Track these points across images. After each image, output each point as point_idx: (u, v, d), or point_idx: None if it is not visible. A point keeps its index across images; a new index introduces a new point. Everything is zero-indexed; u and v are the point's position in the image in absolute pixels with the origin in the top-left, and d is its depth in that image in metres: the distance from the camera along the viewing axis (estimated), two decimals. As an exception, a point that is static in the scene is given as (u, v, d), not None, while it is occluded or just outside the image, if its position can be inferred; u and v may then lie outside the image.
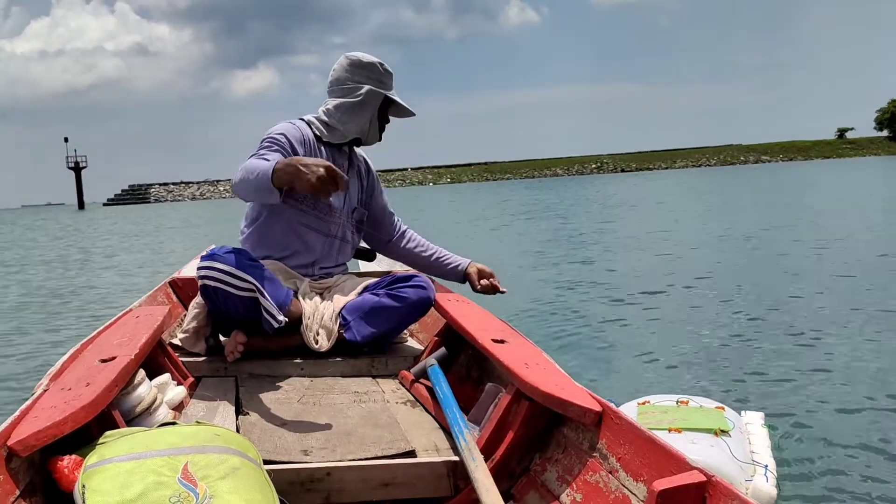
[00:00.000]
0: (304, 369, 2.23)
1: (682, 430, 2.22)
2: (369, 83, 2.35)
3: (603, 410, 1.44)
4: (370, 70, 2.36)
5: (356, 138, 2.42)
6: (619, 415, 1.41)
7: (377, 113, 2.38)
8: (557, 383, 1.54)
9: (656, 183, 39.11)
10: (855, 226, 10.52)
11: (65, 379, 1.55)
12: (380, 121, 2.41)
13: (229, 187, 3.42)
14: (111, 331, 1.92)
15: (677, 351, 4.07)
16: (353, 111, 2.35)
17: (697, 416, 2.33)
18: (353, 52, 2.39)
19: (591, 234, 11.74)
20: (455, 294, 2.42)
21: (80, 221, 35.20)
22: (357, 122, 2.37)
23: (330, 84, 2.41)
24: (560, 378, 1.60)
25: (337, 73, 2.38)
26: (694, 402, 2.48)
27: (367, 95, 2.34)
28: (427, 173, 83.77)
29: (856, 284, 5.79)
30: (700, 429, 2.24)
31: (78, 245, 16.79)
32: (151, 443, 1.30)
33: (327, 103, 2.40)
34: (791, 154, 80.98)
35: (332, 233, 2.42)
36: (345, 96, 2.36)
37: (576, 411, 1.45)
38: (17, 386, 3.85)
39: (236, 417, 1.84)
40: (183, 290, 2.76)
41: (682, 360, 3.88)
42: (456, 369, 2.18)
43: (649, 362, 3.86)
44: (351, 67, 2.36)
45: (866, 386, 3.28)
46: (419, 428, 1.83)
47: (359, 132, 2.39)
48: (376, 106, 2.37)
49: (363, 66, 2.36)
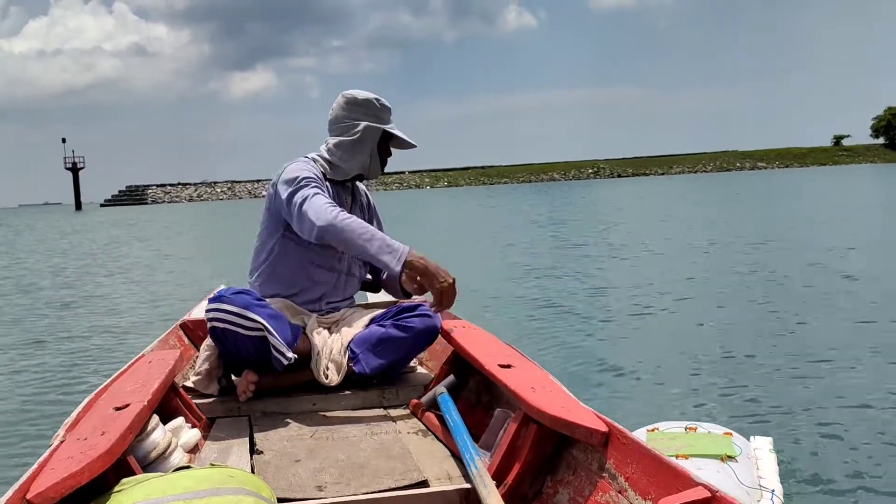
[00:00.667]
0: (315, 404, 2.25)
1: (688, 456, 2.26)
2: (366, 119, 2.40)
3: (609, 431, 1.46)
4: (366, 107, 2.41)
5: (358, 174, 2.47)
6: (626, 435, 1.42)
7: (377, 147, 2.43)
8: (564, 405, 1.56)
9: (655, 189, 39.07)
10: (859, 237, 10.51)
11: (80, 429, 1.58)
12: (381, 154, 2.46)
13: (229, 187, 3.41)
14: (124, 378, 1.95)
15: (688, 376, 4.05)
16: (352, 149, 2.41)
17: (705, 442, 2.36)
18: (349, 91, 2.44)
19: (593, 246, 11.75)
20: (461, 321, 2.44)
21: (77, 223, 35.17)
22: (357, 158, 2.42)
23: (329, 123, 2.46)
24: (566, 400, 1.62)
25: (335, 113, 2.44)
26: (702, 429, 2.51)
27: (365, 132, 2.39)
28: (424, 177, 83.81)
29: (865, 301, 5.78)
30: (707, 455, 2.27)
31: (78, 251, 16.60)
32: (167, 488, 1.32)
33: (328, 142, 2.45)
34: (787, 161, 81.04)
35: (339, 268, 2.46)
36: (342, 134, 2.41)
37: (583, 433, 1.47)
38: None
39: (250, 457, 1.86)
40: (193, 332, 2.80)
41: (692, 385, 3.87)
42: (466, 395, 2.20)
43: (659, 386, 3.85)
44: (347, 105, 2.41)
45: (876, 412, 3.29)
46: (431, 457, 1.85)
47: (360, 168, 2.44)
48: (375, 141, 2.42)
49: (359, 103, 2.41)
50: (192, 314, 2.94)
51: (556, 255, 10.68)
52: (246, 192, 79.71)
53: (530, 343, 4.87)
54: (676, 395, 3.70)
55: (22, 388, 5.01)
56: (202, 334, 2.58)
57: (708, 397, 3.63)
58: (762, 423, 3.21)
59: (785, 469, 2.51)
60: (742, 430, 2.59)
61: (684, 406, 3.52)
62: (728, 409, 3.43)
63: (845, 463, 2.73)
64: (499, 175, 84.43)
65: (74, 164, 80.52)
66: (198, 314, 2.88)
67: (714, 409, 3.43)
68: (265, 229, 2.44)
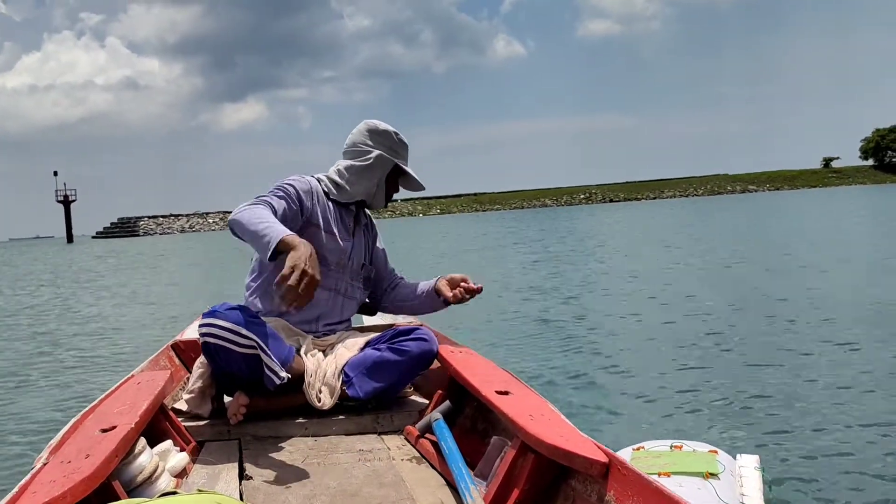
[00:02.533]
0: (308, 428, 2.20)
1: (671, 473, 2.26)
2: (381, 149, 2.42)
3: (609, 461, 1.42)
4: (384, 137, 2.43)
5: (362, 200, 2.46)
6: (626, 465, 1.38)
7: (385, 179, 2.45)
8: (562, 434, 1.52)
9: (648, 213, 39.24)
10: (851, 256, 10.55)
11: (65, 451, 1.53)
12: (388, 187, 2.48)
13: (221, 218, 3.46)
14: (112, 399, 1.91)
15: (675, 394, 4.05)
16: (361, 173, 2.42)
17: (689, 460, 2.37)
18: (372, 120, 2.47)
19: (581, 267, 11.78)
20: (459, 346, 2.40)
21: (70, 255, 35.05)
22: (364, 184, 2.43)
23: (345, 146, 2.49)
24: (565, 429, 1.58)
25: (353, 138, 2.47)
26: (688, 447, 2.51)
27: (377, 160, 2.41)
28: (417, 204, 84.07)
29: (852, 321, 5.80)
30: (689, 472, 2.28)
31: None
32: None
33: (339, 164, 2.48)
34: (778, 184, 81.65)
35: (338, 288, 2.43)
36: (355, 158, 2.44)
37: (581, 463, 1.43)
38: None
39: (239, 483, 1.81)
40: (185, 353, 2.75)
41: (678, 403, 3.87)
42: (461, 422, 2.16)
43: (648, 405, 3.85)
44: (367, 132, 2.44)
45: (863, 430, 3.30)
46: (425, 485, 1.80)
47: (365, 195, 2.45)
48: (385, 172, 2.43)
49: (378, 132, 2.44)
50: (185, 334, 2.90)
51: (548, 278, 10.70)
52: (238, 223, 79.81)
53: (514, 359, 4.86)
54: (664, 414, 3.71)
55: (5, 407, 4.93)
56: (194, 355, 2.54)
57: (698, 415, 3.64)
58: (751, 440, 3.21)
59: (772, 487, 2.52)
60: (731, 449, 2.59)
61: (673, 424, 3.53)
62: (719, 427, 3.43)
63: (833, 483, 2.74)
64: (491, 202, 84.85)
65: (66, 197, 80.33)
66: (190, 334, 2.83)
67: (702, 428, 3.44)
68: None
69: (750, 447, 3.00)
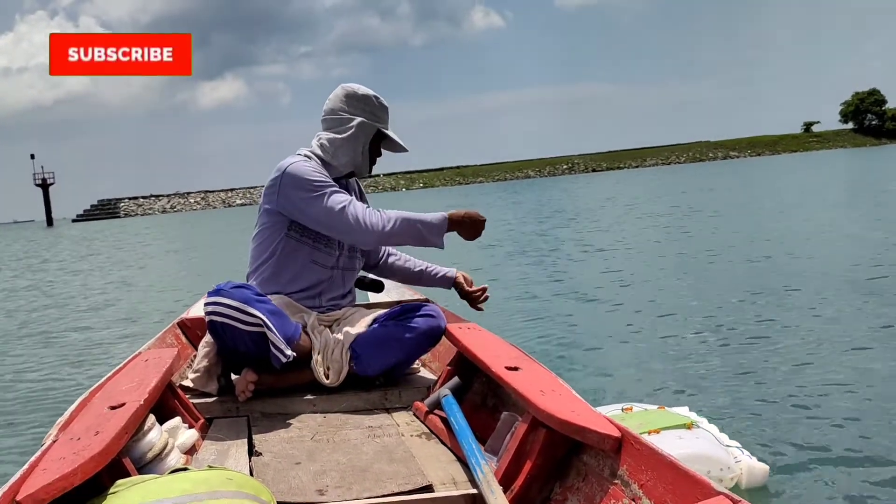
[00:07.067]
0: (316, 405, 2.20)
1: (659, 430, 2.44)
2: (362, 115, 2.35)
3: (622, 436, 1.41)
4: (364, 102, 2.36)
5: (350, 172, 2.42)
6: (640, 440, 1.37)
7: (369, 145, 2.39)
8: (574, 410, 1.51)
9: (633, 181, 39.25)
10: (837, 225, 10.55)
11: (74, 428, 1.52)
12: (371, 153, 2.41)
13: (202, 198, 3.37)
14: (120, 376, 1.90)
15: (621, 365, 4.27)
16: (344, 145, 2.36)
17: (661, 418, 2.57)
18: (350, 84, 2.40)
19: (568, 242, 11.81)
20: (466, 322, 2.39)
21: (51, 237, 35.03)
22: (349, 155, 2.37)
23: (324, 113, 2.41)
24: (577, 404, 1.57)
25: (332, 103, 2.39)
26: (638, 407, 2.75)
27: (359, 128, 2.34)
28: (399, 179, 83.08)
29: (837, 289, 5.93)
30: (673, 426, 2.48)
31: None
32: (163, 490, 1.27)
33: (320, 136, 2.40)
34: (759, 149, 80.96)
35: (337, 265, 2.41)
36: (336, 128, 2.37)
37: (594, 438, 1.42)
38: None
39: (249, 459, 1.81)
40: (192, 331, 2.74)
41: (628, 366, 4.15)
42: (470, 398, 2.15)
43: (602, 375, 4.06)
44: (346, 98, 2.37)
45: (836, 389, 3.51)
46: (436, 461, 1.80)
47: (352, 166, 2.40)
48: (368, 138, 2.37)
49: (358, 98, 2.36)
50: (191, 312, 2.89)
51: (536, 249, 10.76)
52: (220, 202, 78.93)
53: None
54: (616, 380, 3.96)
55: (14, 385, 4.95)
56: (200, 333, 2.53)
57: (643, 380, 3.89)
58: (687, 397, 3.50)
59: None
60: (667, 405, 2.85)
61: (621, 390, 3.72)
62: (658, 388, 3.71)
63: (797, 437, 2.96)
64: (474, 174, 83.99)
65: (44, 180, 78.62)
66: (196, 312, 2.82)
67: (645, 391, 3.66)
68: (265, 229, 2.37)
69: (685, 402, 3.23)
